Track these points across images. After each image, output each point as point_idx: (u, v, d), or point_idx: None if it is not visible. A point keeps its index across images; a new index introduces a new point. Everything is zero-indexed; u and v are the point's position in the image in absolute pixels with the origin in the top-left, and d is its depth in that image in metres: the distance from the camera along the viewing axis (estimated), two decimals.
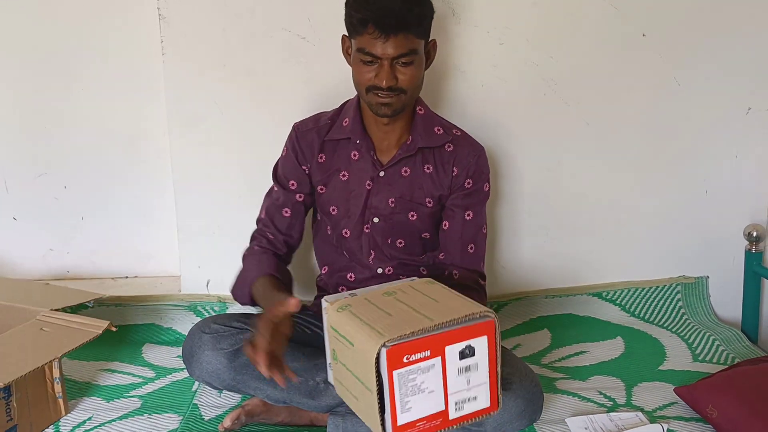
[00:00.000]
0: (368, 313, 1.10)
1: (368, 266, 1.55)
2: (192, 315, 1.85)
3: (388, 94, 1.38)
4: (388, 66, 1.36)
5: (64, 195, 2.00)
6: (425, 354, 1.01)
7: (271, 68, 1.77)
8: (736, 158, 1.89)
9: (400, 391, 1.01)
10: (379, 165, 1.50)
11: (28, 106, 1.94)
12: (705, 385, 1.43)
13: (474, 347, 1.06)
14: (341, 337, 1.09)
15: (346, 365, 1.10)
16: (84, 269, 2.04)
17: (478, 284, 1.50)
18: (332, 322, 1.13)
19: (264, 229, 1.54)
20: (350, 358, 1.08)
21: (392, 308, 1.11)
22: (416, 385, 1.02)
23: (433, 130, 1.51)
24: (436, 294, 1.16)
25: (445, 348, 1.03)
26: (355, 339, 1.06)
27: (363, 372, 1.04)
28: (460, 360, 1.05)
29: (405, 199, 1.50)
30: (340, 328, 1.10)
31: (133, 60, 1.90)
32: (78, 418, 1.45)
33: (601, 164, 1.88)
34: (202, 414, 1.46)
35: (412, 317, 1.06)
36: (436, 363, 1.03)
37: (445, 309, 1.09)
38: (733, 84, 1.84)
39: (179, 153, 1.82)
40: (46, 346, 1.36)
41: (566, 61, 1.80)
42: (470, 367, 1.07)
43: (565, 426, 1.39)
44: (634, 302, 1.94)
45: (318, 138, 1.51)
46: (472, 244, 1.51)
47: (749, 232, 1.83)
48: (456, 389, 1.06)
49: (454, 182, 1.51)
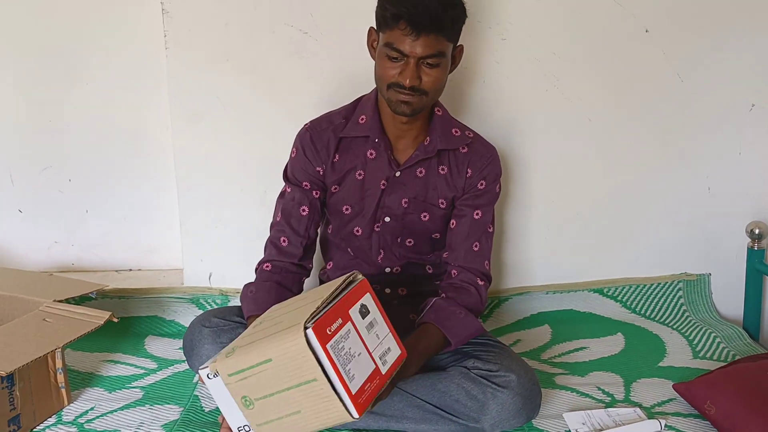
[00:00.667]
0: (257, 335, 1.11)
1: (376, 264, 1.55)
2: (194, 308, 1.87)
3: (410, 93, 1.35)
4: (414, 65, 1.33)
5: (68, 188, 2.01)
6: (339, 322, 1.08)
7: (274, 63, 1.77)
8: (740, 155, 1.89)
9: (340, 363, 1.04)
10: (395, 165, 1.48)
11: (33, 100, 1.96)
12: (703, 382, 1.43)
13: (366, 305, 1.16)
14: (249, 369, 1.07)
15: (269, 392, 1.07)
16: (88, 262, 2.06)
17: (475, 284, 1.48)
18: (228, 368, 1.08)
19: (278, 236, 1.49)
20: (271, 377, 1.06)
21: (275, 321, 1.13)
22: (347, 353, 1.07)
23: (451, 132, 1.49)
24: (298, 299, 1.23)
25: (349, 312, 1.11)
26: (269, 351, 1.05)
27: (298, 371, 1.04)
28: (362, 319, 1.14)
29: (419, 200, 1.50)
30: (243, 364, 1.07)
31: (137, 54, 1.91)
32: (81, 407, 1.46)
33: (603, 160, 1.88)
34: (202, 405, 1.48)
35: (301, 311, 1.10)
36: (350, 328, 1.10)
37: (317, 293, 1.17)
38: (736, 80, 1.84)
39: (182, 147, 1.83)
40: (49, 337, 1.37)
41: (569, 57, 1.80)
42: (373, 323, 1.16)
43: (562, 421, 1.40)
44: (635, 299, 1.94)
45: (335, 137, 1.48)
46: (477, 243, 1.50)
47: (752, 229, 1.83)
48: (373, 345, 1.14)
49: (467, 183, 1.50)
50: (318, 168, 1.49)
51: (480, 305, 1.48)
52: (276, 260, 1.49)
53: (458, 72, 1.79)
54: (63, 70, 1.93)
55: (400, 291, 1.58)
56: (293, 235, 1.49)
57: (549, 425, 1.39)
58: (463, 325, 1.40)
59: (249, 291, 1.45)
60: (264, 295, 1.42)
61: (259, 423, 1.10)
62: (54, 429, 1.38)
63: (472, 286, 1.48)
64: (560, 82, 1.82)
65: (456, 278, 1.48)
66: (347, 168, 1.49)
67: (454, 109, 1.74)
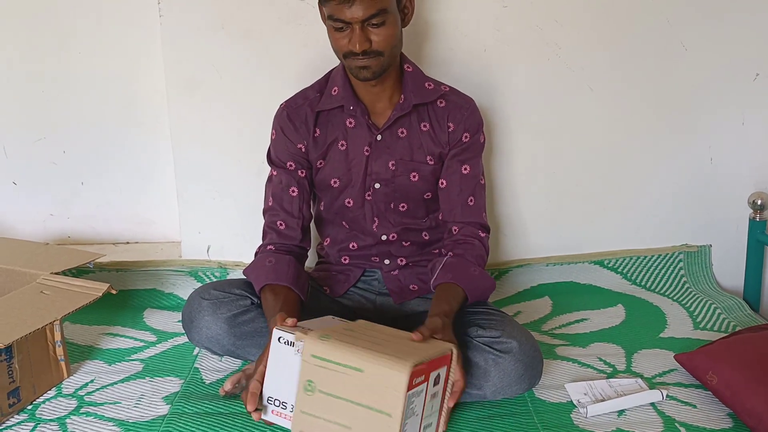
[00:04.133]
0: (359, 340, 1.10)
1: (372, 233, 1.54)
2: (193, 280, 1.86)
3: (365, 57, 1.35)
4: (359, 30, 1.32)
5: (62, 160, 1.99)
6: (422, 378, 1.06)
7: (270, 31, 1.74)
8: (743, 125, 1.87)
9: (404, 414, 1.03)
10: (375, 129, 1.48)
11: (24, 70, 1.92)
12: (705, 352, 1.43)
13: (440, 375, 1.12)
14: (335, 363, 1.06)
15: (338, 394, 1.06)
16: (84, 234, 2.04)
17: (478, 237, 1.48)
18: (317, 350, 1.08)
19: (273, 220, 1.50)
20: (350, 384, 1.05)
21: (372, 338, 1.12)
22: (411, 409, 1.05)
23: (424, 86, 1.48)
24: (385, 330, 1.20)
25: (431, 373, 1.08)
26: (366, 364, 1.04)
27: (380, 397, 1.03)
28: (432, 387, 1.10)
29: (405, 160, 1.49)
30: (333, 356, 1.06)
31: (130, 22, 1.87)
32: (80, 380, 1.46)
33: (605, 130, 1.86)
34: (203, 378, 1.47)
35: (406, 345, 1.11)
36: (424, 389, 1.07)
37: (424, 346, 1.14)
38: (740, 49, 1.81)
39: (178, 117, 1.80)
40: (47, 309, 1.36)
41: (571, 25, 1.77)
42: (436, 394, 1.12)
43: (563, 391, 1.40)
44: (635, 270, 1.93)
45: (312, 111, 1.48)
46: (471, 197, 1.50)
47: (754, 200, 1.82)
48: (427, 413, 1.11)
49: (451, 138, 1.49)
50: (299, 145, 1.49)
51: (485, 257, 1.49)
52: (278, 243, 1.49)
53: (458, 40, 1.77)
54: (54, 39, 1.89)
55: (399, 261, 1.57)
56: (289, 217, 1.49)
57: (550, 395, 1.39)
58: (480, 280, 1.42)
59: (267, 261, 1.44)
60: (284, 266, 1.42)
61: (305, 410, 1.08)
62: (54, 402, 1.38)
63: (475, 239, 1.48)
64: (562, 51, 1.79)
65: (458, 234, 1.48)
66: (329, 141, 1.49)
67: (453, 76, 1.71)
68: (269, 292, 1.38)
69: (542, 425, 1.30)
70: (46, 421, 1.31)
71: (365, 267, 1.58)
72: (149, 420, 1.32)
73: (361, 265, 1.58)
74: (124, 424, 1.30)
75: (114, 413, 1.34)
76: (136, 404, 1.37)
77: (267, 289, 1.39)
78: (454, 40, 1.76)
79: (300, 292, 1.41)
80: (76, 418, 1.32)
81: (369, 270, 1.58)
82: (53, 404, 1.37)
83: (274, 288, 1.39)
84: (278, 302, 1.34)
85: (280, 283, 1.39)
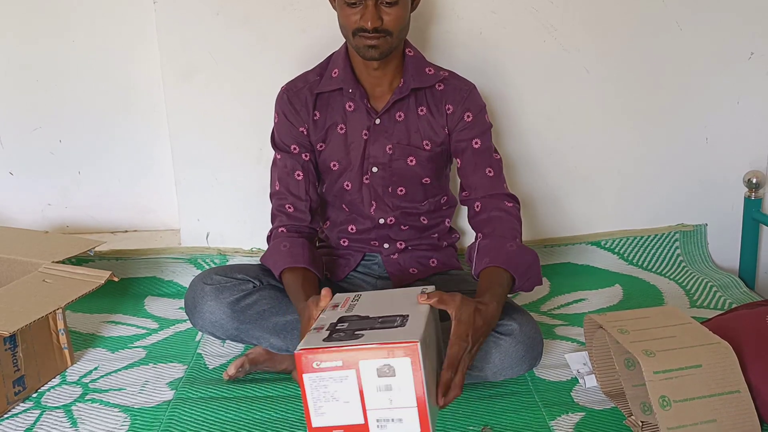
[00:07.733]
0: (664, 342, 1.22)
1: (369, 217, 1.55)
2: (192, 268, 1.86)
3: (375, 36, 1.36)
4: (372, 7, 1.34)
5: (59, 149, 1.98)
6: (336, 364, 1.04)
7: (267, 17, 1.73)
8: (738, 104, 1.88)
9: (312, 395, 1.04)
10: (373, 113, 1.48)
11: (19, 59, 1.91)
12: None
13: (393, 367, 1.06)
14: (677, 371, 1.16)
15: (692, 396, 1.16)
16: (83, 223, 2.04)
17: (504, 208, 1.42)
18: (656, 367, 1.16)
19: (282, 203, 1.50)
20: (698, 382, 1.17)
21: (663, 335, 1.24)
22: (328, 393, 1.04)
23: (425, 71, 1.49)
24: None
25: (359, 362, 1.05)
26: (701, 359, 1.18)
27: (721, 380, 1.18)
28: (378, 377, 1.06)
29: (402, 144, 1.49)
30: (671, 365, 1.17)
31: (125, 9, 1.86)
32: (84, 368, 1.47)
33: (601, 111, 1.87)
34: (206, 363, 1.48)
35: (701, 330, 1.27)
36: (349, 375, 1.05)
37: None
38: (735, 28, 1.82)
39: (175, 104, 1.80)
40: (49, 297, 1.36)
41: (566, 7, 1.77)
42: (391, 386, 1.07)
43: (563, 370, 1.41)
44: (632, 251, 1.95)
45: (311, 94, 1.49)
46: (489, 168, 1.47)
47: (749, 178, 1.83)
48: (376, 406, 1.07)
49: (450, 120, 1.49)
50: (301, 128, 1.49)
51: (518, 228, 1.42)
52: (289, 224, 1.49)
53: (454, 22, 1.76)
54: (49, 27, 1.88)
55: (398, 245, 1.58)
56: (297, 200, 1.50)
57: (550, 374, 1.41)
58: (519, 255, 1.34)
59: (282, 245, 1.44)
60: (299, 249, 1.43)
61: (671, 427, 1.15)
62: (59, 389, 1.39)
63: (501, 211, 1.43)
64: (558, 33, 1.79)
65: (482, 211, 1.44)
66: (329, 124, 1.49)
67: (450, 59, 1.72)
68: (289, 275, 1.39)
69: (543, 403, 1.32)
70: (51, 409, 1.32)
71: (365, 251, 1.59)
72: (155, 405, 1.33)
73: (361, 249, 1.59)
74: (129, 410, 1.31)
75: (119, 399, 1.35)
76: (140, 390, 1.38)
77: (286, 272, 1.40)
78: (449, 23, 1.76)
79: (317, 271, 1.42)
80: (82, 405, 1.33)
81: (369, 254, 1.59)
82: (58, 392, 1.38)
83: (293, 270, 1.40)
84: (298, 283, 1.36)
85: (298, 266, 1.40)
